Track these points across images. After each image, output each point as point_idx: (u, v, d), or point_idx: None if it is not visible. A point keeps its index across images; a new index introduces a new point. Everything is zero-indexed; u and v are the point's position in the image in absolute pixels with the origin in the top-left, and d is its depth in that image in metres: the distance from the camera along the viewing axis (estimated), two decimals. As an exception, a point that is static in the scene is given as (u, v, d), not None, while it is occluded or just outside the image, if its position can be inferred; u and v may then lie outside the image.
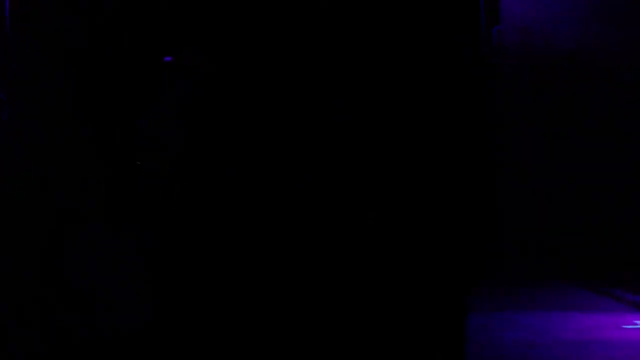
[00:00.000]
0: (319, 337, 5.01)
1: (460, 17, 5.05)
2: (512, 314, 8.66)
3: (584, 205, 13.65)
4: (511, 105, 14.38)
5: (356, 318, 5.04)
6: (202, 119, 5.03)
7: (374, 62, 5.04)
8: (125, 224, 5.01)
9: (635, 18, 13.66)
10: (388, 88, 5.05)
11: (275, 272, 5.02)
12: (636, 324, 8.24)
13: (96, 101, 5.01)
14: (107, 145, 5.01)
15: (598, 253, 12.71)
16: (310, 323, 5.02)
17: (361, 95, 5.05)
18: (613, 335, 7.77)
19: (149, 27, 5.01)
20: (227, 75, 5.05)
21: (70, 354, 4.92)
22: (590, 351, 7.19)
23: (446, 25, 5.02)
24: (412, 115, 5.06)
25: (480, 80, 5.09)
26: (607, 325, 8.18)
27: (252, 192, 5.04)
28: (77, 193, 5.00)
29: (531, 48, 14.02)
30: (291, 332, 5.01)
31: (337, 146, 5.04)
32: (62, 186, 5.00)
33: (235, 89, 5.06)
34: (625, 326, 8.15)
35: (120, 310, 4.97)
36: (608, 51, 13.72)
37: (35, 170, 4.99)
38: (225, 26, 5.02)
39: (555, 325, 8.17)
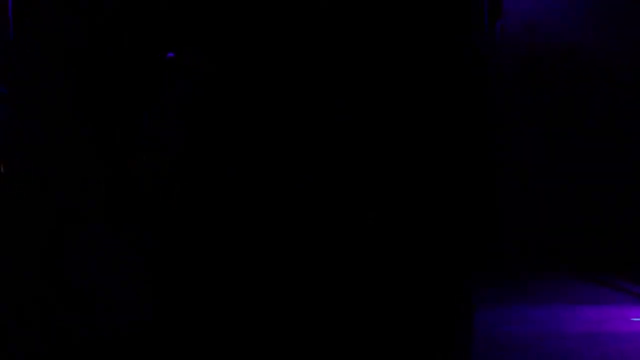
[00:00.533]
0: (319, 336, 5.02)
1: (462, 11, 5.05)
2: (519, 307, 8.67)
3: (584, 205, 13.66)
4: (511, 105, 14.38)
5: (357, 316, 5.04)
6: (202, 119, 5.03)
7: (374, 62, 5.04)
8: (125, 224, 5.02)
9: (636, 18, 13.66)
10: (388, 88, 5.05)
11: (274, 271, 5.02)
12: None
13: (96, 101, 5.02)
14: (107, 145, 5.01)
15: (598, 253, 12.71)
16: (311, 321, 5.02)
17: (361, 95, 5.05)
18: (622, 328, 7.78)
19: (148, 27, 5.01)
20: (227, 75, 5.05)
21: (70, 354, 4.93)
22: (600, 344, 7.21)
23: (448, 21, 5.02)
24: (412, 115, 5.06)
25: (480, 79, 5.09)
26: (616, 318, 8.19)
27: (252, 192, 5.04)
28: (77, 193, 5.01)
29: (532, 48, 14.02)
30: (291, 331, 5.01)
31: (337, 146, 5.04)
32: (62, 186, 5.00)
33: (235, 89, 5.06)
34: (634, 319, 8.17)
35: (120, 310, 4.97)
36: (608, 51, 13.72)
37: (35, 170, 4.99)
38: (225, 26, 5.02)
39: (563, 318, 8.18)
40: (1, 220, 4.99)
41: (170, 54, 4.95)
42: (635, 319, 8.07)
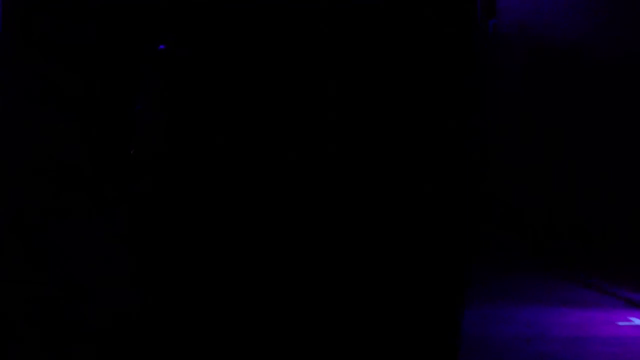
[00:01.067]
0: (306, 332, 5.05)
1: (455, 9, 5.05)
2: (507, 309, 8.69)
3: (577, 208, 13.67)
4: (510, 106, 14.40)
5: (345, 315, 5.06)
6: (188, 112, 5.04)
7: (368, 59, 5.05)
8: (115, 217, 5.04)
9: (629, 18, 13.64)
10: (382, 86, 5.06)
11: (264, 265, 5.04)
12: (630, 321, 8.28)
13: (85, 95, 5.03)
14: (95, 137, 5.03)
15: (598, 253, 12.71)
16: (296, 316, 5.05)
17: (352, 91, 5.06)
18: (608, 332, 7.82)
19: (134, 20, 5.01)
20: (216, 70, 5.06)
21: (67, 348, 4.95)
22: (587, 347, 7.25)
23: (441, 19, 5.02)
24: (406, 116, 5.07)
25: (471, 76, 5.10)
26: (602, 322, 8.21)
27: (241, 186, 5.06)
28: (66, 186, 5.02)
29: (528, 45, 14.02)
30: (280, 323, 5.04)
31: (327, 143, 5.05)
32: (51, 180, 5.02)
33: (225, 83, 5.07)
34: (619, 323, 8.20)
35: (112, 302, 5.00)
36: (605, 52, 13.72)
37: (25, 163, 5.00)
38: (213, 18, 5.02)
39: (550, 321, 8.20)
40: None
41: (162, 47, 4.96)
42: (621, 323, 8.11)
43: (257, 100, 5.05)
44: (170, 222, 5.05)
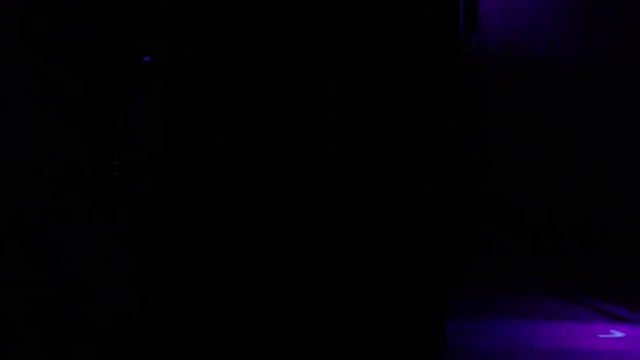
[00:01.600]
0: (305, 327, 5.06)
1: (439, 24, 5.07)
2: (491, 322, 8.70)
3: (583, 205, 13.68)
4: (506, 110, 14.40)
5: (340, 315, 5.07)
6: (186, 112, 5.05)
7: (367, 59, 5.06)
8: (115, 216, 5.05)
9: (617, 29, 13.66)
10: (381, 85, 5.06)
11: (263, 264, 5.05)
12: (612, 334, 8.32)
13: (83, 95, 5.04)
14: (95, 138, 5.04)
15: (598, 253, 12.71)
16: (298, 312, 5.06)
17: (352, 91, 5.07)
18: (590, 345, 7.85)
19: (131, 19, 5.02)
20: (214, 69, 5.07)
21: (68, 349, 4.96)
22: (566, 359, 7.29)
23: (441, 19, 5.03)
24: (401, 113, 5.08)
25: (471, 76, 5.10)
26: (584, 335, 8.24)
27: (239, 185, 5.07)
28: (66, 185, 5.04)
29: (512, 59, 14.04)
30: (282, 327, 5.05)
31: (327, 143, 5.06)
32: (52, 179, 5.04)
33: (224, 83, 5.08)
34: (601, 335, 8.23)
35: (113, 300, 5.01)
36: (605, 52, 13.73)
37: (25, 163, 5.02)
38: (210, 16, 5.03)
39: (533, 334, 8.22)
40: None
41: (146, 58, 4.98)
42: (601, 336, 8.13)
43: (257, 100, 5.06)
44: (170, 222, 5.06)
